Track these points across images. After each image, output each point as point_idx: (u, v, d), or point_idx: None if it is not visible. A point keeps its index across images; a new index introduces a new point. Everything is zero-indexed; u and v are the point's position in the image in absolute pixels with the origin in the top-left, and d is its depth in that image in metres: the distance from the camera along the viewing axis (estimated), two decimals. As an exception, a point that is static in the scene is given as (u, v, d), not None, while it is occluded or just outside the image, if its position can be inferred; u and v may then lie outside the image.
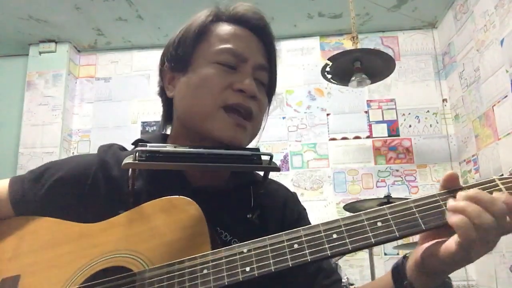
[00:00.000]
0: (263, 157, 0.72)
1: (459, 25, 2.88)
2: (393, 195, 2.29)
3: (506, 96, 2.34)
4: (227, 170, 0.80)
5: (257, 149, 0.74)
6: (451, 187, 0.59)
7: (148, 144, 0.70)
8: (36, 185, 0.76)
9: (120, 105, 3.33)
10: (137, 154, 0.68)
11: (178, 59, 0.80)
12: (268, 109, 0.86)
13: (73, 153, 3.27)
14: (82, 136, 3.33)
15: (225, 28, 0.79)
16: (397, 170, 3.03)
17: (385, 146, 3.09)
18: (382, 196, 2.27)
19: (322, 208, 2.98)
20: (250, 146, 0.80)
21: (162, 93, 0.84)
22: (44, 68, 3.34)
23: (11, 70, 3.46)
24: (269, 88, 0.83)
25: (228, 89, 0.74)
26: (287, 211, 0.84)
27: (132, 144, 0.81)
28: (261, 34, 0.81)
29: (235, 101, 0.74)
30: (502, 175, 0.60)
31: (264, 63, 0.79)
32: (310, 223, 0.87)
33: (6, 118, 3.35)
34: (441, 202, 0.58)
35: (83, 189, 0.74)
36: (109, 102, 3.38)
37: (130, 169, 0.70)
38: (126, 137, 0.76)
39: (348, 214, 0.62)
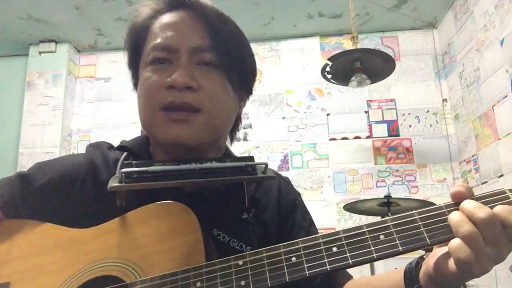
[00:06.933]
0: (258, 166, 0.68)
1: (459, 25, 2.88)
2: (393, 195, 2.29)
3: (506, 96, 2.34)
4: (221, 184, 0.77)
5: (251, 158, 0.69)
6: (460, 200, 0.54)
7: (134, 162, 0.65)
8: (25, 187, 0.73)
9: (120, 105, 3.33)
10: (123, 176, 0.63)
11: (132, 74, 0.78)
12: (248, 86, 0.79)
13: (73, 153, 3.27)
14: (82, 136, 3.33)
15: (159, 21, 0.72)
16: (397, 170, 3.03)
17: (385, 146, 3.09)
18: (382, 196, 2.27)
19: (322, 208, 2.98)
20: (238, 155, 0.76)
21: None
22: (44, 68, 3.34)
23: (11, 70, 3.46)
24: (231, 62, 0.72)
25: (162, 88, 0.68)
26: (281, 202, 0.82)
27: (116, 148, 0.78)
28: (197, 10, 0.71)
29: (168, 100, 0.67)
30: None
31: (201, 43, 0.70)
32: (306, 209, 0.86)
33: (6, 118, 3.35)
34: (448, 215, 0.54)
35: (71, 192, 0.72)
36: (109, 102, 3.38)
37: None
38: (126, 137, 0.76)
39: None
